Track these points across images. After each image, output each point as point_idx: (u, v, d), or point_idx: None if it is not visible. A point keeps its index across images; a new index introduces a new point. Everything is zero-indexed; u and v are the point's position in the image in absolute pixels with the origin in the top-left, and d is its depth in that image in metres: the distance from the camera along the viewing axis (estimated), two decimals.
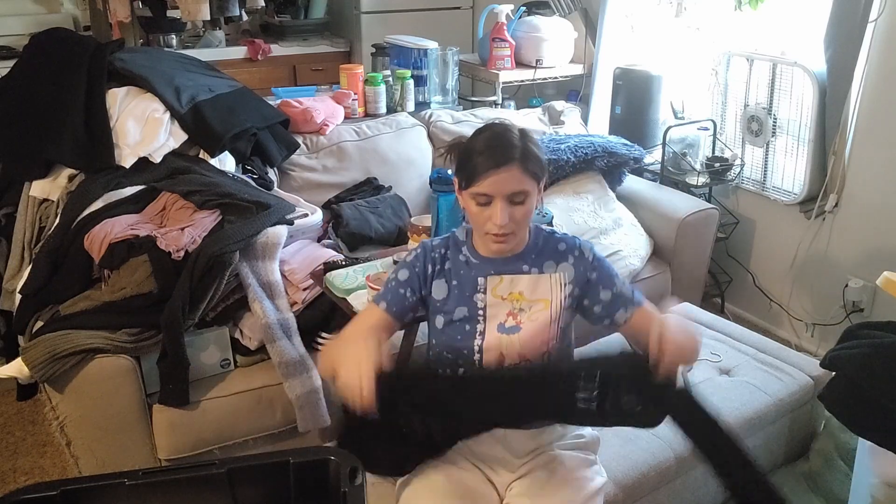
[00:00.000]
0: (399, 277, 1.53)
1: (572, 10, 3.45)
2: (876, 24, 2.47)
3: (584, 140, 2.85)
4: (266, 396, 2.05)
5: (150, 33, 3.82)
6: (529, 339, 1.48)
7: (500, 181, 1.39)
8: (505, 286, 1.49)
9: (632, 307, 1.51)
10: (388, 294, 1.53)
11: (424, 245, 1.56)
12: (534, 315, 1.49)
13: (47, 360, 1.81)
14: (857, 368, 1.59)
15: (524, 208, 1.42)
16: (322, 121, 2.71)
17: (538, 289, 1.50)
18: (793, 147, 2.82)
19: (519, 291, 1.49)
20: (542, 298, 1.50)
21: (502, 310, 1.49)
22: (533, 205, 1.44)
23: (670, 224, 2.75)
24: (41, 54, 2.48)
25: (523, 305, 1.49)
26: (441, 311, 1.52)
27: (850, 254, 2.74)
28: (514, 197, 1.40)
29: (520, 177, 1.40)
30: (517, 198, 1.40)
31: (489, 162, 1.39)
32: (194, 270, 1.94)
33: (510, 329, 1.48)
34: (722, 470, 1.40)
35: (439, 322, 1.52)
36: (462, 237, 1.55)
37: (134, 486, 1.14)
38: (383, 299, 1.53)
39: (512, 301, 1.49)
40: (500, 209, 1.40)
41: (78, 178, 2.29)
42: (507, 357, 1.49)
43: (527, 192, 1.41)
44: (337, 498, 1.15)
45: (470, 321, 1.49)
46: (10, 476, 2.29)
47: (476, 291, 1.49)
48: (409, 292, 1.52)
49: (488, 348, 1.49)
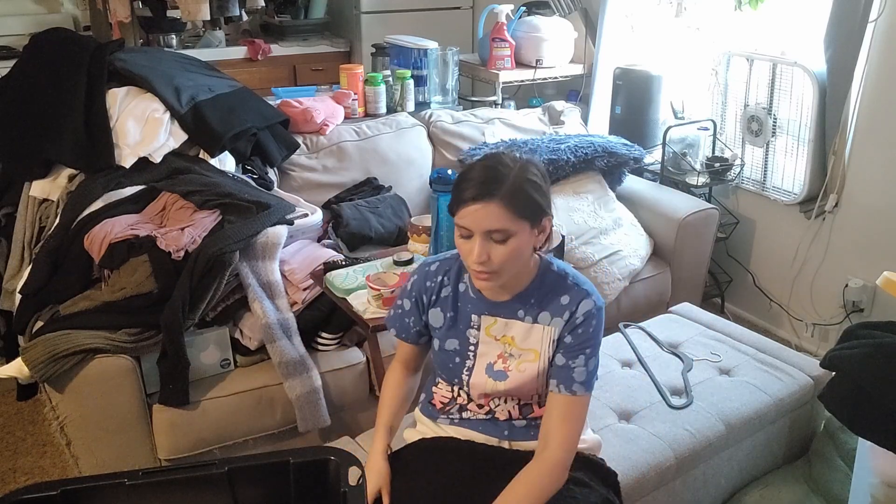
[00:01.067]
0: (404, 307, 1.55)
1: (572, 10, 3.45)
2: (876, 24, 2.47)
3: (584, 140, 2.85)
4: (266, 396, 2.05)
5: (150, 33, 3.82)
6: (515, 389, 1.48)
7: (478, 216, 1.30)
8: (499, 328, 1.47)
9: (564, 391, 1.40)
10: (397, 322, 1.57)
11: (422, 271, 1.53)
12: (522, 365, 1.45)
13: (47, 360, 1.81)
14: (857, 368, 1.59)
15: (505, 249, 1.32)
16: (322, 121, 2.71)
17: (530, 338, 1.45)
18: (793, 147, 2.82)
19: (511, 336, 1.46)
20: (532, 349, 1.45)
21: (494, 349, 1.47)
22: (520, 246, 1.33)
23: (670, 224, 2.75)
24: (41, 54, 2.48)
25: (513, 352, 1.46)
26: (437, 336, 1.53)
27: (850, 254, 2.74)
28: (493, 235, 1.31)
29: (500, 215, 1.30)
30: (496, 236, 1.31)
31: (470, 192, 1.31)
32: (194, 270, 1.94)
33: (497, 374, 1.47)
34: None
35: (436, 344, 1.53)
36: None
37: (134, 486, 1.13)
38: (394, 327, 1.58)
39: (504, 344, 1.47)
40: (477, 244, 1.32)
41: (78, 178, 2.29)
42: (491, 397, 1.50)
43: (508, 231, 1.31)
44: (337, 498, 1.15)
45: (460, 354, 1.49)
46: (10, 476, 2.29)
47: (469, 327, 1.48)
48: (413, 322, 1.55)
49: (475, 385, 1.49)
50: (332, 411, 2.10)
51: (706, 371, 2.05)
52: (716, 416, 1.87)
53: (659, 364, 2.06)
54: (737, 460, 1.93)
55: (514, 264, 1.36)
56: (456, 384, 1.52)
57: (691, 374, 2.02)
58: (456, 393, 1.54)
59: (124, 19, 3.55)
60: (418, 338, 1.57)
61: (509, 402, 1.50)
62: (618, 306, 2.66)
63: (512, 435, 1.52)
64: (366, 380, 2.19)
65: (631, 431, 1.80)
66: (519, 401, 1.51)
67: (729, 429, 1.86)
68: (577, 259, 2.60)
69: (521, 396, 1.50)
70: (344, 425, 2.17)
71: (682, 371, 2.03)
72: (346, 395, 2.15)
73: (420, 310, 1.53)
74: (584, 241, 2.64)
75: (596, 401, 1.89)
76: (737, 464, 1.94)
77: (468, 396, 1.52)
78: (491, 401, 1.51)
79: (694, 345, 2.17)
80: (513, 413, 1.51)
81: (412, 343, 1.58)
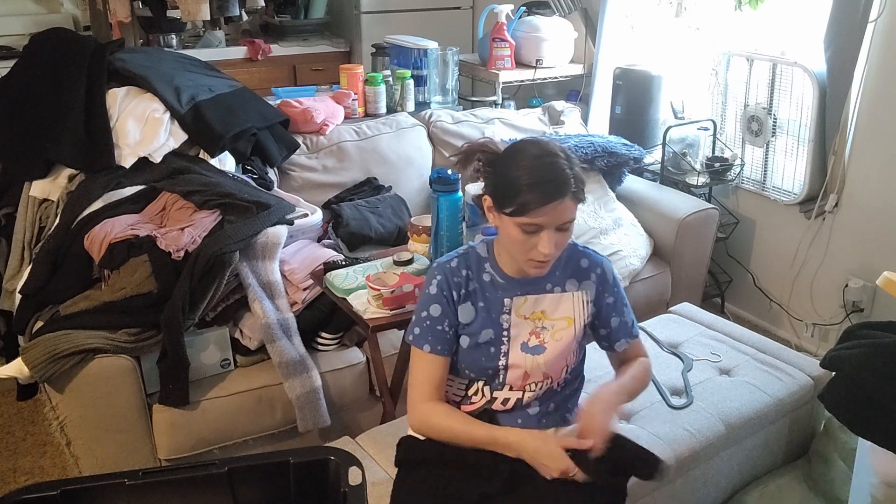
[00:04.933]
0: (432, 314, 1.47)
1: (572, 10, 3.45)
2: (876, 24, 2.47)
3: (584, 140, 2.85)
4: (266, 396, 2.05)
5: (150, 33, 3.82)
6: (554, 359, 1.49)
7: (556, 213, 1.35)
8: (528, 306, 1.49)
9: (631, 340, 1.57)
10: (429, 335, 1.47)
11: (443, 270, 1.49)
12: (557, 334, 1.49)
13: (47, 360, 1.81)
14: (857, 368, 1.59)
15: (568, 234, 1.42)
16: (322, 121, 2.71)
17: (560, 307, 1.50)
18: (793, 147, 2.82)
19: (541, 310, 1.49)
20: (565, 317, 1.50)
21: (525, 329, 1.49)
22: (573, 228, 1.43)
23: (670, 224, 2.75)
24: (41, 54, 2.48)
25: (545, 324, 1.49)
26: (466, 332, 1.49)
27: (850, 254, 2.74)
28: (564, 225, 1.39)
29: (572, 207, 1.37)
30: (566, 226, 1.39)
31: (543, 198, 1.34)
32: (194, 270, 1.94)
33: (534, 349, 1.48)
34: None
35: (464, 342, 1.49)
36: (483, 253, 1.50)
37: (134, 486, 1.14)
38: (426, 342, 1.47)
39: (534, 320, 1.49)
40: (548, 239, 1.36)
41: (78, 178, 2.29)
42: (531, 376, 1.49)
43: (574, 218, 1.40)
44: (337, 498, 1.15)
45: (495, 343, 1.48)
46: (10, 476, 2.29)
47: (502, 312, 1.48)
48: (448, 325, 1.48)
49: (513, 366, 1.48)
50: (332, 411, 2.10)
51: (706, 371, 2.05)
52: (716, 416, 1.87)
53: (659, 364, 2.06)
54: (737, 460, 1.93)
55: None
56: (485, 381, 1.50)
57: (691, 374, 2.02)
58: (473, 390, 1.51)
59: (124, 19, 3.55)
60: (454, 345, 1.50)
61: (543, 385, 1.51)
62: None
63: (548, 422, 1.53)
64: (366, 380, 2.19)
65: (631, 431, 1.80)
66: (551, 381, 1.52)
67: (729, 429, 1.86)
68: None
69: (554, 374, 1.51)
70: (344, 425, 2.17)
71: (682, 371, 2.03)
72: (346, 395, 2.15)
73: (453, 308, 1.48)
74: (585, 242, 2.63)
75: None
76: (737, 464, 1.94)
77: (491, 394, 1.50)
78: (528, 384, 1.50)
79: (694, 345, 2.17)
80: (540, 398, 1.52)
81: (447, 355, 1.49)
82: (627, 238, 2.72)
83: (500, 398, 1.51)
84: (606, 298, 1.53)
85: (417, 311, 1.50)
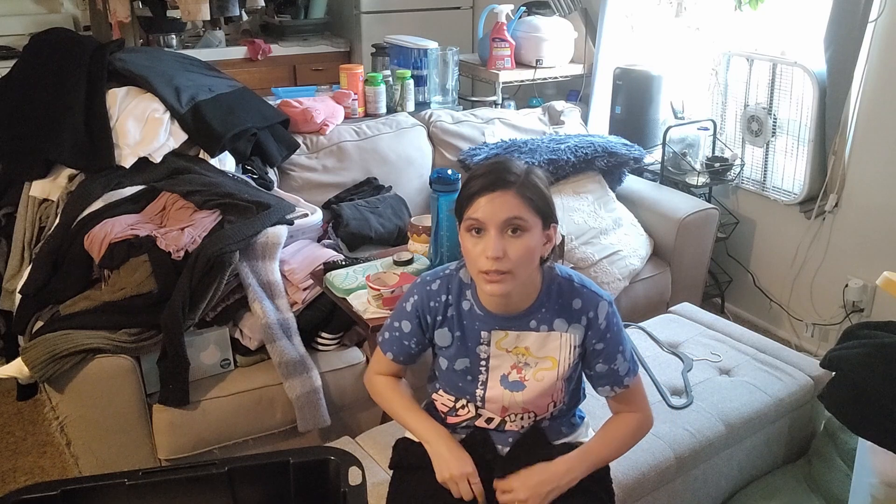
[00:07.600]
0: (403, 329, 1.48)
1: (572, 10, 3.45)
2: (876, 24, 2.47)
3: (584, 140, 2.85)
4: (266, 396, 2.05)
5: (150, 33, 3.82)
6: (533, 399, 1.44)
7: (493, 205, 1.28)
8: (510, 340, 1.42)
9: (618, 388, 1.46)
10: (395, 345, 1.50)
11: (422, 290, 1.46)
12: (539, 374, 1.42)
13: (47, 360, 1.81)
14: (857, 368, 1.59)
15: (520, 243, 1.29)
16: (322, 121, 2.71)
17: (546, 346, 1.42)
18: (793, 147, 2.82)
19: (525, 347, 1.42)
20: (550, 356, 1.42)
21: (506, 362, 1.43)
22: (533, 246, 1.31)
23: (670, 224, 2.75)
24: (41, 54, 2.48)
25: (529, 361, 1.42)
26: (444, 356, 1.48)
27: (850, 254, 2.74)
28: (510, 225, 1.29)
29: (515, 203, 1.28)
30: (513, 227, 1.29)
31: (483, 188, 1.29)
32: (194, 270, 1.94)
33: (513, 385, 1.43)
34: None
35: (443, 363, 1.48)
36: (467, 280, 1.44)
37: (134, 486, 1.14)
38: (390, 350, 1.51)
39: (517, 354, 1.43)
40: (492, 239, 1.28)
41: (78, 178, 2.29)
42: (509, 409, 1.46)
43: (524, 221, 1.29)
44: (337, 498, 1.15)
45: (471, 372, 1.45)
46: (10, 476, 2.29)
47: (479, 343, 1.43)
48: (415, 343, 1.49)
49: (490, 400, 1.45)
50: (332, 411, 2.10)
51: (706, 371, 2.05)
52: (716, 416, 1.87)
53: (659, 364, 2.06)
54: (737, 460, 1.93)
55: (527, 266, 1.33)
56: (468, 400, 1.48)
57: (691, 374, 2.02)
58: (460, 404, 1.49)
59: (124, 19, 3.55)
60: (417, 358, 1.52)
61: (525, 417, 1.46)
62: (618, 306, 2.64)
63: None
64: None
65: None
66: (535, 416, 1.47)
67: (729, 429, 1.86)
68: (577, 259, 2.60)
69: (538, 410, 1.46)
70: (344, 425, 2.17)
71: (682, 371, 2.03)
72: (346, 395, 2.15)
73: (424, 330, 1.46)
74: (584, 241, 2.64)
75: (596, 400, 1.88)
76: (737, 464, 1.94)
77: (476, 410, 1.48)
78: (508, 415, 1.46)
79: (694, 345, 2.17)
80: (525, 427, 1.48)
81: (408, 364, 1.53)
82: (627, 238, 2.72)
83: (484, 416, 1.48)
84: (595, 345, 1.43)
85: (391, 319, 1.51)
